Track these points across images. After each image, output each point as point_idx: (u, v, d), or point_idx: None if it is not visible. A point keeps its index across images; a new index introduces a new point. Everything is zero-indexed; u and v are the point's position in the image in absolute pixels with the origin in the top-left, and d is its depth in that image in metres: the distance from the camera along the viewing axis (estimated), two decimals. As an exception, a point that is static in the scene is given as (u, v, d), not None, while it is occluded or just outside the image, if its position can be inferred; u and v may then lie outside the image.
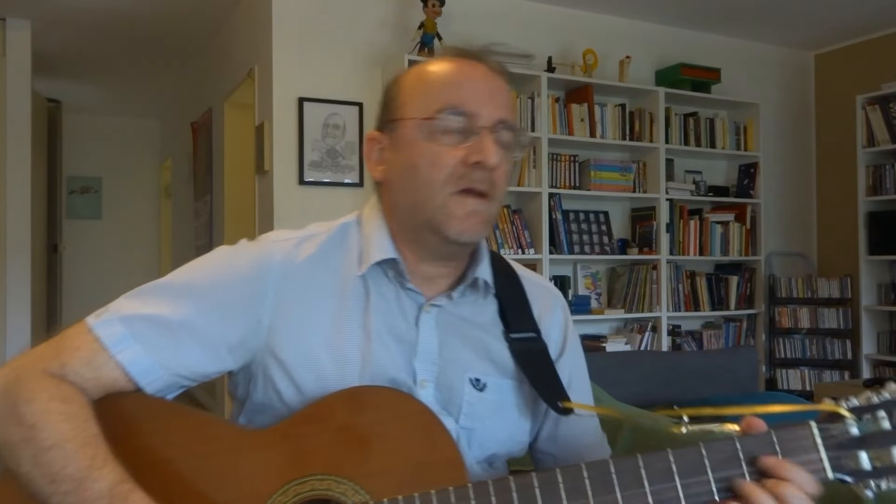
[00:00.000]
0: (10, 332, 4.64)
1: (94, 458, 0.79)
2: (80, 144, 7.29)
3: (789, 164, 5.36)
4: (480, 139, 0.92)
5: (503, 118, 0.95)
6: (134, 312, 0.89)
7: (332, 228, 1.02)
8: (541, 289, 1.09)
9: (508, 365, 1.00)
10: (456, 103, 0.93)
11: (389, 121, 0.99)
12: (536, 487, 0.80)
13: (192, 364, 0.91)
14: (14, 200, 4.65)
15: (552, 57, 4.30)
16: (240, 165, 4.71)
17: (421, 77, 0.98)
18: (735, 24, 4.88)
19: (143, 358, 0.88)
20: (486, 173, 0.93)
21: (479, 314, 1.02)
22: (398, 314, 0.97)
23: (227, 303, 0.92)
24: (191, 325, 0.90)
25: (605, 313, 4.41)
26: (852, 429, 0.81)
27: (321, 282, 0.96)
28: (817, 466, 0.81)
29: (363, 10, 3.99)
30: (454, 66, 0.98)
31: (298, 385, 0.92)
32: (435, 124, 0.93)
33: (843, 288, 4.96)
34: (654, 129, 4.50)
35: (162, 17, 4.70)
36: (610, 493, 0.79)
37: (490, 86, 0.97)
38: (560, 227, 4.23)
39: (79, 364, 0.86)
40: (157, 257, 7.77)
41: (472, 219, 0.93)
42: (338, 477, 0.85)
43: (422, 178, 0.93)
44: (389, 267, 0.98)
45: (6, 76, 4.66)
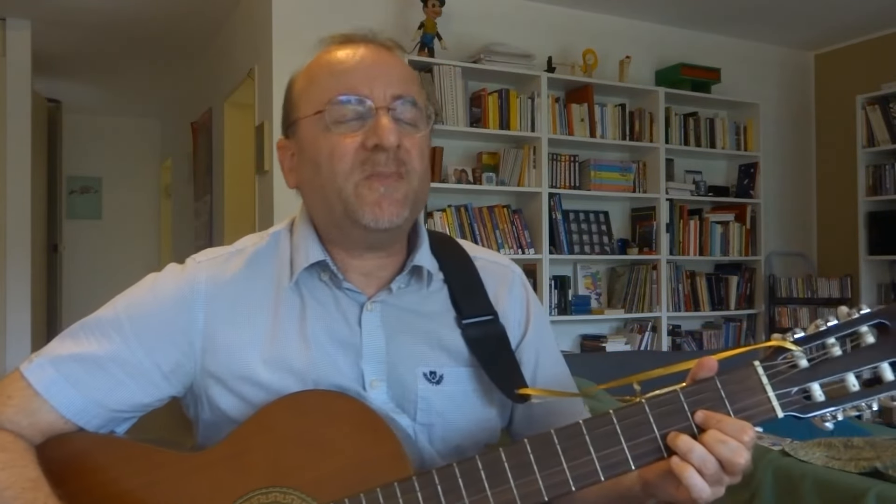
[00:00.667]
0: (10, 332, 4.65)
1: (34, 501, 0.80)
2: (80, 144, 7.29)
3: (789, 164, 5.36)
4: (376, 120, 0.88)
5: (398, 93, 0.91)
6: (64, 353, 0.90)
7: (262, 240, 1.00)
8: (495, 266, 1.04)
9: (464, 352, 0.96)
10: (344, 89, 0.90)
11: (290, 124, 0.97)
12: (481, 469, 0.79)
13: (128, 398, 0.91)
14: (14, 200, 4.65)
15: (552, 57, 4.30)
16: (240, 165, 4.71)
17: (309, 72, 0.95)
18: (735, 24, 4.88)
19: (76, 399, 0.88)
20: (389, 154, 0.88)
21: (428, 303, 0.98)
22: (338, 317, 0.94)
23: (155, 332, 0.91)
24: (121, 360, 0.90)
25: (605, 313, 4.41)
26: (801, 361, 0.78)
27: (252, 296, 0.94)
28: (766, 406, 0.78)
29: (363, 10, 3.99)
30: (339, 52, 0.94)
31: (242, 400, 0.91)
32: (327, 116, 0.90)
33: (843, 288, 4.96)
34: (654, 129, 4.50)
35: (162, 17, 4.70)
36: (556, 465, 0.78)
37: (379, 63, 0.93)
38: (560, 227, 4.23)
39: (13, 412, 0.87)
40: (157, 257, 7.77)
41: (384, 202, 0.89)
42: (283, 488, 0.84)
43: (325, 173, 0.90)
44: (322, 270, 0.95)
45: (6, 76, 4.66)
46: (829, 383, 0.77)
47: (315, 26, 3.89)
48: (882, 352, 0.77)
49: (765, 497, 1.83)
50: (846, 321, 0.78)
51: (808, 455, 1.86)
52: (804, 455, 1.86)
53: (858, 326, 0.78)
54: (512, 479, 0.79)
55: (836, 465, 1.78)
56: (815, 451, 1.87)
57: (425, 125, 0.94)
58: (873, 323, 0.77)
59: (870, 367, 0.77)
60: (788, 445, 1.94)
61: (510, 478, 0.79)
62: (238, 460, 0.86)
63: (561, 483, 0.78)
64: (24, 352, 4.56)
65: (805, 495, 1.74)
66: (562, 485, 0.78)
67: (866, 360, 0.77)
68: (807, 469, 1.79)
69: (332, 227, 0.95)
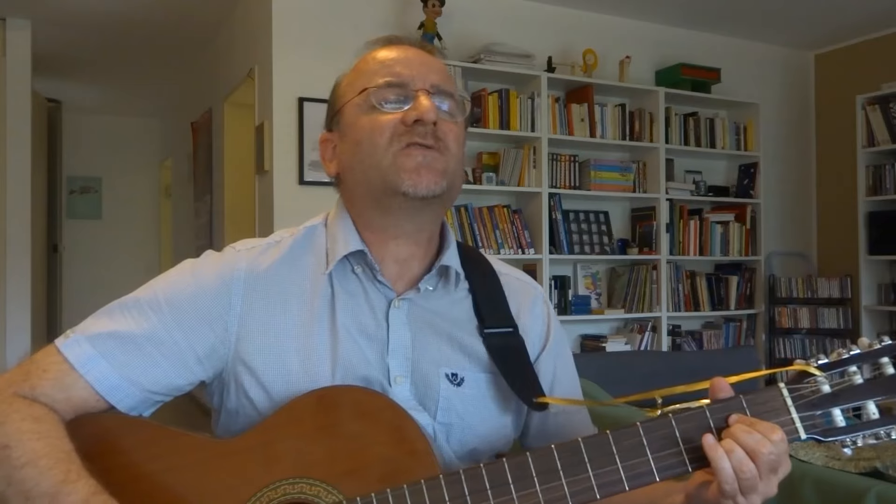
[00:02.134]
0: (10, 331, 4.65)
1: (67, 472, 0.81)
2: (80, 144, 7.29)
3: (789, 164, 5.36)
4: (417, 99, 0.94)
5: (437, 83, 0.96)
6: (101, 331, 0.90)
7: (297, 232, 1.02)
8: (519, 283, 1.07)
9: (484, 359, 0.98)
10: (388, 74, 0.95)
11: (334, 115, 1.01)
12: (508, 472, 0.80)
13: (161, 378, 0.91)
14: (14, 200, 4.65)
15: (552, 57, 4.30)
16: (240, 165, 4.71)
17: (355, 67, 1.01)
18: (735, 24, 4.88)
19: (111, 376, 0.89)
20: (428, 128, 0.93)
21: (453, 309, 1.00)
22: (367, 310, 0.96)
23: (193, 314, 0.93)
24: (158, 339, 0.91)
25: (605, 313, 4.41)
26: (824, 387, 0.80)
27: (288, 287, 0.96)
28: (789, 428, 0.80)
29: (363, 10, 3.99)
30: (385, 49, 1.00)
31: (269, 390, 0.92)
32: (371, 97, 0.95)
33: (843, 288, 4.96)
34: (654, 129, 4.50)
35: (162, 17, 4.71)
36: (583, 472, 0.80)
37: (421, 57, 0.99)
38: (560, 227, 4.23)
39: (48, 386, 0.87)
40: (157, 257, 7.77)
41: (422, 170, 0.92)
42: (310, 479, 0.85)
43: (366, 148, 0.94)
44: (356, 261, 0.97)
45: (6, 76, 4.66)
46: (851, 409, 0.80)
47: (315, 26, 3.89)
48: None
49: (765, 497, 1.83)
50: (868, 351, 0.81)
51: (808, 455, 1.86)
52: (804, 455, 1.86)
53: (880, 357, 0.80)
54: (538, 483, 0.80)
55: (836, 465, 1.78)
56: (815, 451, 1.87)
57: (461, 116, 0.99)
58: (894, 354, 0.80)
59: (890, 396, 0.79)
60: (788, 445, 1.94)
61: (536, 483, 0.80)
62: (266, 450, 0.86)
63: (585, 490, 0.80)
64: (24, 351, 4.56)
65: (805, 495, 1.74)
66: (586, 492, 0.80)
67: (888, 390, 0.79)
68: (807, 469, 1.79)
69: (369, 206, 0.97)
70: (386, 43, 1.01)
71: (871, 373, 0.81)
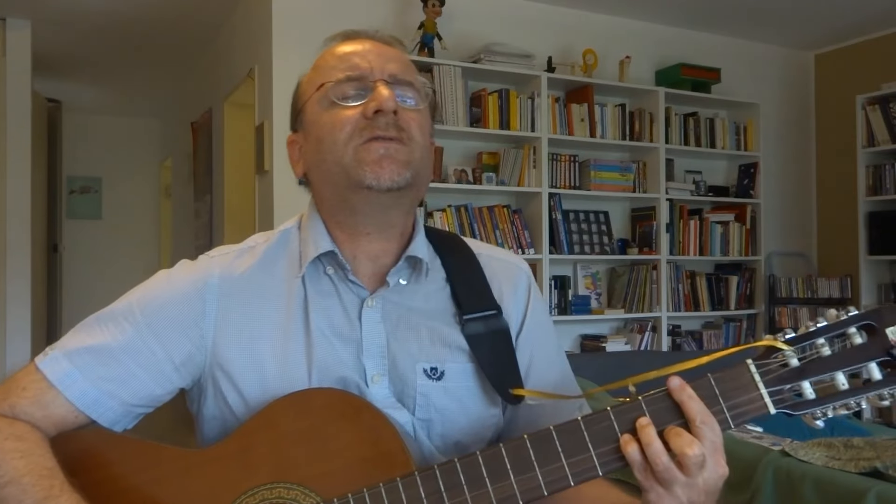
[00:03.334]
0: (10, 331, 4.65)
1: (50, 488, 0.82)
2: (80, 144, 7.29)
3: (789, 164, 5.36)
4: (376, 90, 0.91)
5: (395, 72, 0.94)
6: (78, 346, 0.91)
7: (272, 237, 1.02)
8: (501, 264, 1.04)
9: (465, 349, 0.96)
10: (346, 68, 0.94)
11: (296, 115, 1.01)
12: (482, 465, 0.81)
13: (140, 390, 0.92)
14: (14, 200, 4.65)
15: (552, 57, 4.30)
16: (240, 165, 4.71)
17: (314, 65, 1.00)
18: (735, 24, 4.88)
19: (90, 391, 0.89)
20: (390, 118, 0.91)
21: (429, 301, 0.98)
22: (340, 311, 0.95)
23: (167, 323, 0.93)
24: (134, 350, 0.91)
25: (605, 313, 4.41)
26: (792, 360, 0.80)
27: (263, 291, 0.96)
28: (759, 404, 0.79)
29: (363, 10, 3.99)
30: (342, 44, 0.99)
31: (245, 396, 0.92)
32: (329, 92, 0.93)
33: (843, 288, 4.96)
34: (654, 129, 4.50)
35: (162, 17, 4.71)
36: (556, 461, 0.80)
37: (379, 48, 0.97)
38: (560, 227, 4.23)
39: (27, 403, 0.88)
40: (157, 257, 7.77)
41: (384, 161, 0.90)
42: (287, 483, 0.85)
43: (328, 144, 0.93)
44: (328, 262, 0.96)
45: (6, 76, 4.66)
46: (820, 382, 0.79)
47: (315, 26, 3.89)
48: (869, 352, 0.78)
49: (765, 497, 1.83)
50: (835, 322, 0.80)
51: (808, 455, 1.86)
52: (804, 455, 1.86)
53: (847, 328, 0.80)
54: (512, 474, 0.80)
55: (836, 465, 1.78)
56: (815, 451, 1.87)
57: (423, 103, 0.97)
58: (861, 324, 0.80)
59: (858, 367, 0.79)
60: (788, 445, 1.94)
61: (511, 473, 0.80)
62: (243, 456, 0.87)
63: (560, 479, 0.80)
64: (24, 351, 4.57)
65: (805, 495, 1.74)
66: (561, 480, 0.79)
67: (855, 360, 0.79)
68: (807, 469, 1.79)
69: (337, 203, 0.96)
70: (343, 38, 1.00)
71: (840, 344, 0.80)
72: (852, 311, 0.80)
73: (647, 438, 0.77)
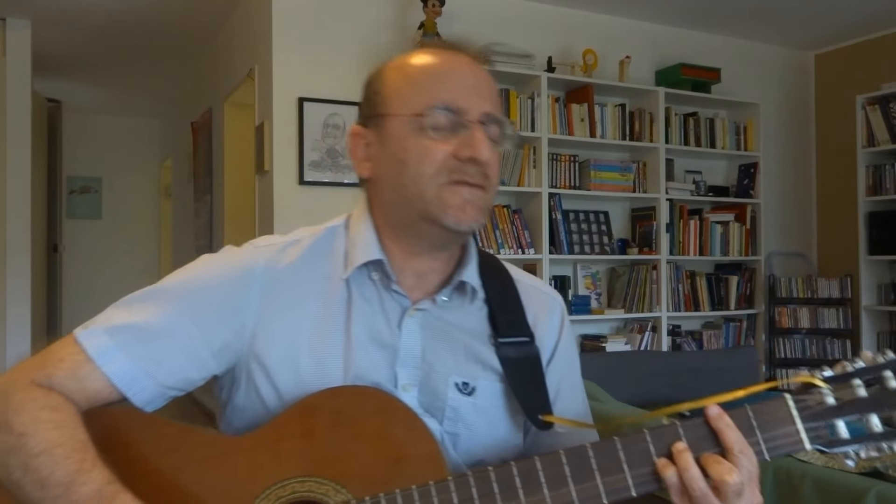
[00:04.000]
0: (10, 331, 4.65)
1: (82, 462, 0.81)
2: (80, 144, 7.29)
3: (789, 164, 5.36)
4: (471, 133, 0.91)
5: (489, 111, 0.94)
6: (119, 323, 0.90)
7: (318, 232, 1.01)
8: (538, 293, 1.07)
9: (498, 369, 0.98)
10: (444, 98, 0.92)
11: (374, 116, 0.97)
12: (516, 476, 0.81)
13: (177, 371, 0.91)
14: (14, 200, 4.65)
15: (552, 57, 4.30)
16: (240, 165, 4.71)
17: (405, 71, 0.96)
18: (735, 24, 4.88)
19: (128, 368, 0.88)
20: (479, 167, 0.92)
21: (468, 319, 1.00)
22: (381, 318, 0.95)
23: (210, 308, 0.92)
24: (174, 332, 0.91)
25: (605, 313, 4.41)
26: (828, 398, 0.81)
27: (305, 287, 0.96)
28: (794, 438, 0.81)
29: (363, 10, 3.99)
30: (438, 58, 0.96)
31: (279, 389, 0.92)
32: (424, 121, 0.91)
33: (843, 288, 4.96)
34: (654, 129, 4.50)
35: (162, 17, 4.71)
36: (590, 479, 0.80)
37: (476, 78, 0.95)
38: (560, 227, 4.23)
39: (64, 376, 0.87)
40: (157, 257, 7.77)
41: (468, 207, 0.92)
42: (319, 478, 0.85)
43: (411, 173, 0.92)
44: (374, 269, 0.96)
45: (6, 76, 4.66)
46: (854, 422, 0.80)
47: (315, 26, 3.89)
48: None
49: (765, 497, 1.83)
50: (872, 365, 0.82)
51: (808, 455, 1.86)
52: (804, 455, 1.86)
53: (883, 370, 0.81)
54: (546, 488, 0.80)
55: (836, 466, 1.78)
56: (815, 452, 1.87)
57: (505, 144, 0.98)
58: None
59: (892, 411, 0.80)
60: (788, 445, 1.94)
61: (544, 487, 0.80)
62: (276, 447, 0.86)
63: (593, 497, 0.80)
64: (25, 352, 4.56)
65: (805, 495, 1.74)
66: (594, 499, 0.80)
67: (889, 404, 0.80)
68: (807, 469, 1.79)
69: (401, 224, 0.96)
70: (441, 51, 0.98)
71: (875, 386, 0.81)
72: (889, 355, 0.82)
73: (685, 463, 0.79)
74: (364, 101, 1.00)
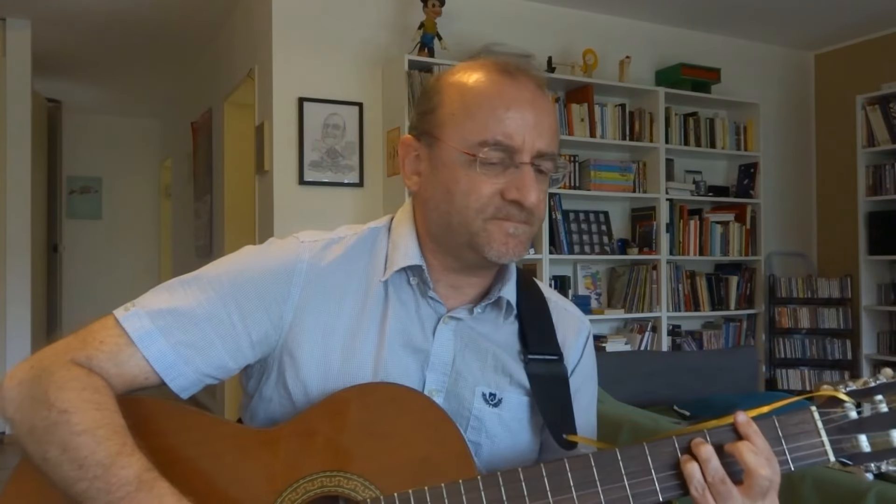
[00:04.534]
0: (10, 331, 4.65)
1: (123, 445, 0.80)
2: (80, 144, 7.29)
3: (789, 164, 5.36)
4: (521, 175, 0.91)
5: (543, 149, 0.93)
6: (160, 307, 0.90)
7: (361, 232, 1.02)
8: (568, 315, 1.08)
9: (525, 384, 0.99)
10: (500, 138, 0.90)
11: (427, 133, 0.96)
12: (545, 477, 0.81)
13: (215, 359, 0.91)
14: (14, 200, 4.66)
15: (552, 57, 4.30)
16: (240, 165, 4.71)
17: (464, 96, 0.94)
18: (735, 24, 4.88)
19: (168, 353, 0.88)
20: (524, 210, 0.92)
21: (499, 332, 1.01)
22: (416, 322, 0.96)
23: (252, 298, 0.93)
24: (216, 319, 0.91)
25: (605, 313, 4.41)
26: (851, 413, 0.82)
27: (345, 285, 0.97)
28: (819, 450, 0.82)
29: (363, 10, 3.99)
30: (499, 87, 0.94)
31: (307, 384, 0.92)
32: (476, 158, 0.91)
33: (843, 288, 4.96)
34: (654, 129, 4.50)
35: (162, 17, 4.71)
36: (618, 481, 0.81)
37: (536, 114, 0.93)
38: (560, 227, 4.23)
39: (104, 357, 0.86)
40: (157, 257, 7.77)
41: (511, 242, 0.93)
42: (346, 473, 0.85)
43: (457, 203, 0.92)
44: (413, 274, 0.97)
45: (6, 76, 4.66)
46: (876, 437, 0.82)
47: (315, 26, 3.89)
48: None
49: (765, 497, 1.83)
50: (893, 381, 0.83)
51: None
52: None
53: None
54: (574, 490, 0.81)
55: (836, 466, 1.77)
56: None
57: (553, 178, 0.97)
58: None
59: None
60: (788, 445, 1.94)
61: (573, 488, 0.81)
62: (304, 441, 0.87)
63: (621, 500, 0.81)
64: (25, 352, 4.57)
65: (805, 495, 1.74)
66: (622, 501, 0.81)
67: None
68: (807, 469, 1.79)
69: (443, 245, 0.97)
70: (503, 70, 0.96)
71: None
72: None
73: (706, 455, 0.80)
74: (419, 112, 0.99)
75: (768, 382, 4.92)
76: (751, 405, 0.87)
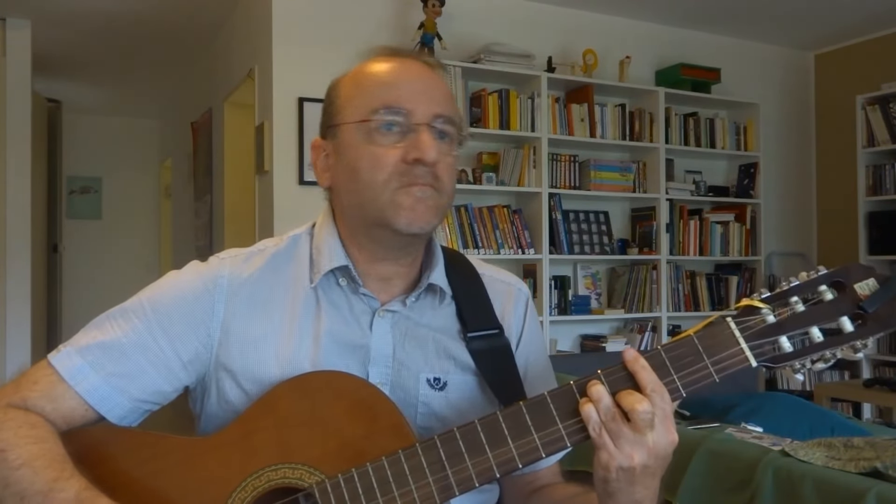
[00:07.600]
0: (10, 331, 4.64)
1: (61, 471, 0.83)
2: (80, 144, 7.29)
3: (789, 164, 5.36)
4: (417, 136, 0.93)
5: (439, 112, 0.95)
6: (89, 343, 0.92)
7: (281, 241, 1.03)
8: (502, 285, 1.09)
9: (469, 363, 1.00)
10: (391, 102, 0.94)
11: (330, 126, 1.00)
12: (481, 432, 0.84)
13: (149, 385, 0.93)
14: (14, 200, 4.65)
15: (552, 57, 4.30)
16: (240, 165, 4.71)
17: (356, 79, 1.00)
18: (735, 24, 4.88)
19: (100, 386, 0.91)
20: (427, 168, 0.93)
21: (436, 317, 1.02)
22: (351, 321, 0.98)
23: (176, 321, 0.95)
24: (144, 346, 0.93)
25: (605, 313, 4.41)
26: (769, 317, 0.84)
27: (270, 295, 0.98)
28: (740, 357, 0.83)
29: (363, 10, 3.99)
30: (388, 65, 0.99)
31: (249, 395, 0.94)
32: (371, 126, 0.94)
33: (843, 288, 4.95)
34: (654, 129, 4.50)
35: (162, 17, 4.71)
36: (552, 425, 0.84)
37: (425, 82, 0.97)
38: (560, 227, 4.23)
39: (38, 397, 0.89)
40: (157, 257, 7.77)
41: (419, 206, 0.93)
42: (291, 464, 0.87)
43: (364, 179, 0.94)
44: (341, 274, 0.98)
45: (6, 76, 4.66)
46: (796, 335, 0.84)
47: (315, 26, 3.89)
48: (840, 306, 0.83)
49: (765, 497, 1.83)
50: (807, 281, 0.85)
51: (808, 455, 1.86)
52: (804, 455, 1.86)
53: (818, 286, 0.84)
54: (511, 440, 0.84)
55: (836, 466, 1.78)
56: (815, 452, 1.87)
57: (456, 147, 0.99)
58: (831, 282, 0.84)
59: (831, 320, 0.84)
60: (788, 445, 1.94)
61: (509, 439, 0.84)
62: (246, 441, 0.89)
63: (556, 440, 0.84)
64: (25, 351, 4.57)
65: (805, 495, 1.74)
66: (557, 441, 0.84)
67: (827, 314, 0.84)
68: (807, 469, 1.79)
69: (359, 230, 0.98)
70: (389, 55, 1.00)
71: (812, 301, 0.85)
72: (822, 269, 0.85)
73: (598, 395, 0.82)
74: (322, 112, 1.04)
75: (768, 382, 4.91)
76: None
